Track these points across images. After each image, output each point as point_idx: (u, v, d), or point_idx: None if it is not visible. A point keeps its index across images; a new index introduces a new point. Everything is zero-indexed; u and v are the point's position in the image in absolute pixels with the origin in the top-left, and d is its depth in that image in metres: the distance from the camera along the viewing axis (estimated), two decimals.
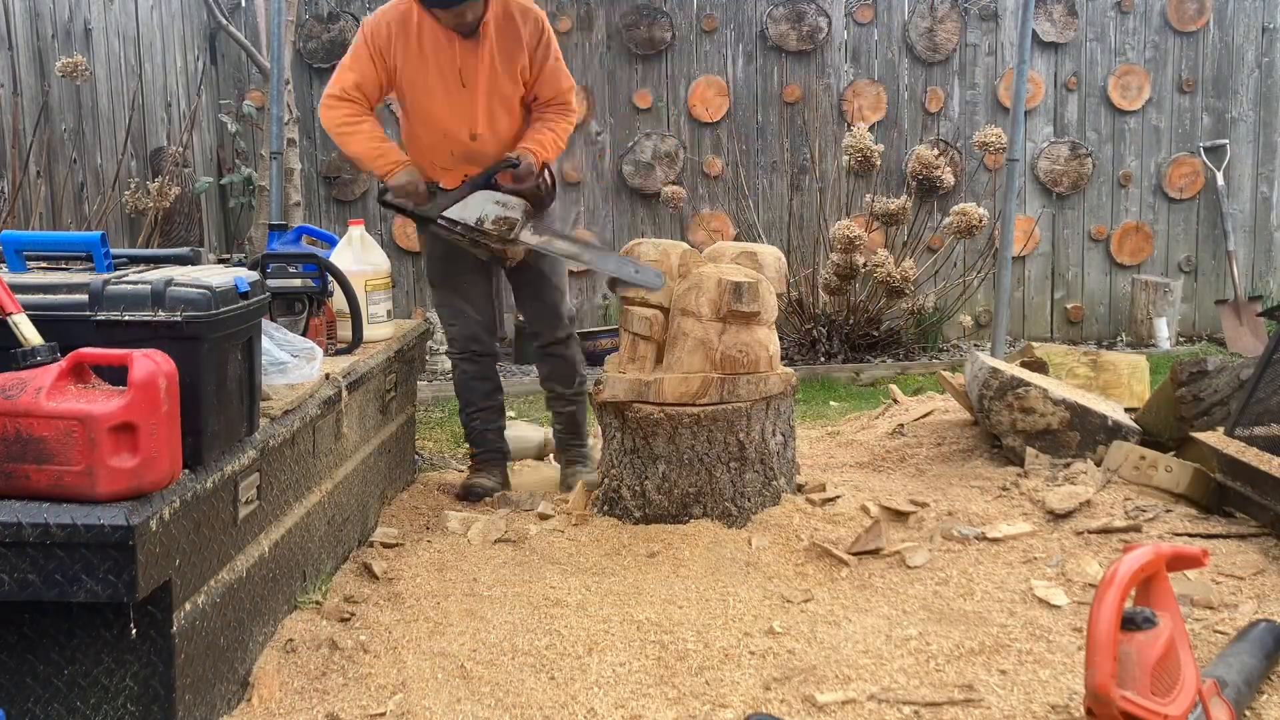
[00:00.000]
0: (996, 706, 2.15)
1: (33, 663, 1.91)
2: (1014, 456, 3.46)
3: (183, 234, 5.77)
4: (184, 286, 2.02)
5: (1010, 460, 3.49)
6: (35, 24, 4.90)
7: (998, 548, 2.92)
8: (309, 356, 2.66)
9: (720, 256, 3.39)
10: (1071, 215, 7.36)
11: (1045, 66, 7.19)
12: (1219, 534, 2.90)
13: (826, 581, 2.83)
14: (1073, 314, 7.40)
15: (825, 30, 7.05)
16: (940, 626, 2.51)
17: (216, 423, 2.09)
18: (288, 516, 2.51)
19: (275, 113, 4.94)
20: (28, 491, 1.80)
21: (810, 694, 2.21)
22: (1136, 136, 7.32)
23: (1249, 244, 7.44)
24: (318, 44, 6.93)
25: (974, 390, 3.62)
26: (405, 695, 2.24)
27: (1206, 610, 2.52)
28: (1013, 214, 5.05)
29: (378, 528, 3.30)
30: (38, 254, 2.33)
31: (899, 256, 6.39)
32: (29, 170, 4.69)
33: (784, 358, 6.42)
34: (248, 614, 2.27)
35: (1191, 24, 7.22)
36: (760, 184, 7.17)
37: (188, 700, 1.97)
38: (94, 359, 1.87)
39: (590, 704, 2.21)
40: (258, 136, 6.63)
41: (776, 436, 3.23)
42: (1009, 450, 3.49)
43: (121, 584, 1.78)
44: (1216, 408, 3.30)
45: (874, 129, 6.82)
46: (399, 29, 3.46)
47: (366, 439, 3.22)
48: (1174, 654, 1.83)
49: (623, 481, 3.22)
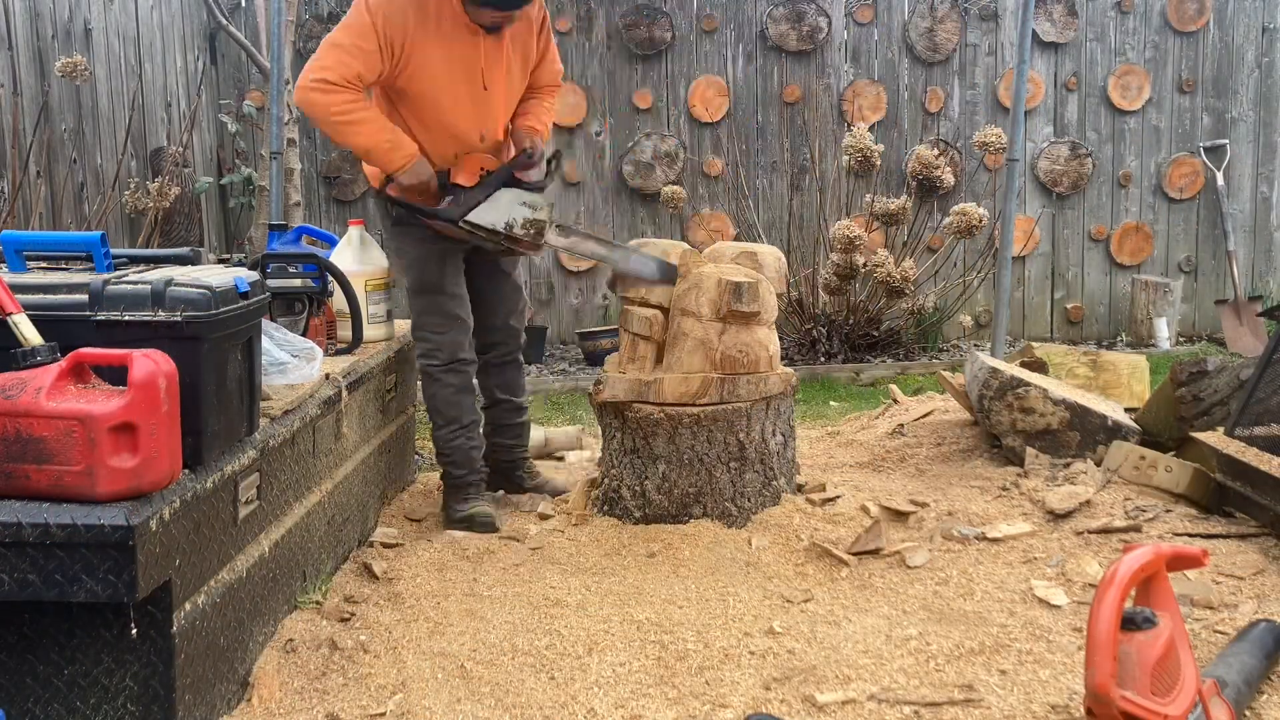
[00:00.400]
0: (996, 706, 2.15)
1: (33, 663, 1.90)
2: (1014, 456, 3.46)
3: (183, 234, 5.77)
4: (184, 286, 2.02)
5: (1010, 460, 3.49)
6: (35, 24, 4.90)
7: (998, 548, 2.92)
8: (309, 357, 2.66)
9: (720, 257, 3.39)
10: (1071, 215, 7.36)
11: (1045, 66, 7.19)
12: (1219, 534, 2.90)
13: (826, 581, 2.83)
14: (1073, 314, 7.39)
15: (825, 30, 7.05)
16: (940, 626, 2.51)
17: (216, 423, 2.09)
18: (288, 516, 2.51)
19: (275, 113, 4.94)
20: (28, 491, 1.81)
21: (810, 694, 2.21)
22: (1136, 136, 7.32)
23: (1249, 244, 7.44)
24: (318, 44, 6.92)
25: (974, 390, 3.62)
26: (405, 695, 2.24)
27: (1206, 610, 2.52)
28: (1013, 214, 5.05)
29: (378, 528, 3.30)
30: (38, 254, 2.33)
31: (899, 256, 6.39)
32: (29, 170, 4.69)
33: (784, 358, 6.42)
34: (248, 614, 2.27)
35: (1191, 24, 7.22)
36: (760, 184, 7.17)
37: (188, 700, 1.97)
38: (94, 359, 1.87)
39: (590, 704, 2.21)
40: (258, 136, 6.63)
41: (776, 436, 3.23)
42: (1009, 450, 3.49)
43: (121, 584, 1.78)
44: (1216, 408, 3.30)
45: (874, 129, 6.82)
46: (416, 17, 3.04)
47: (366, 439, 3.22)
48: (1174, 654, 1.83)
49: (623, 481, 3.22)
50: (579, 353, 6.83)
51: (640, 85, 7.07)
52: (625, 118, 7.09)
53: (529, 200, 3.14)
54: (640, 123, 7.09)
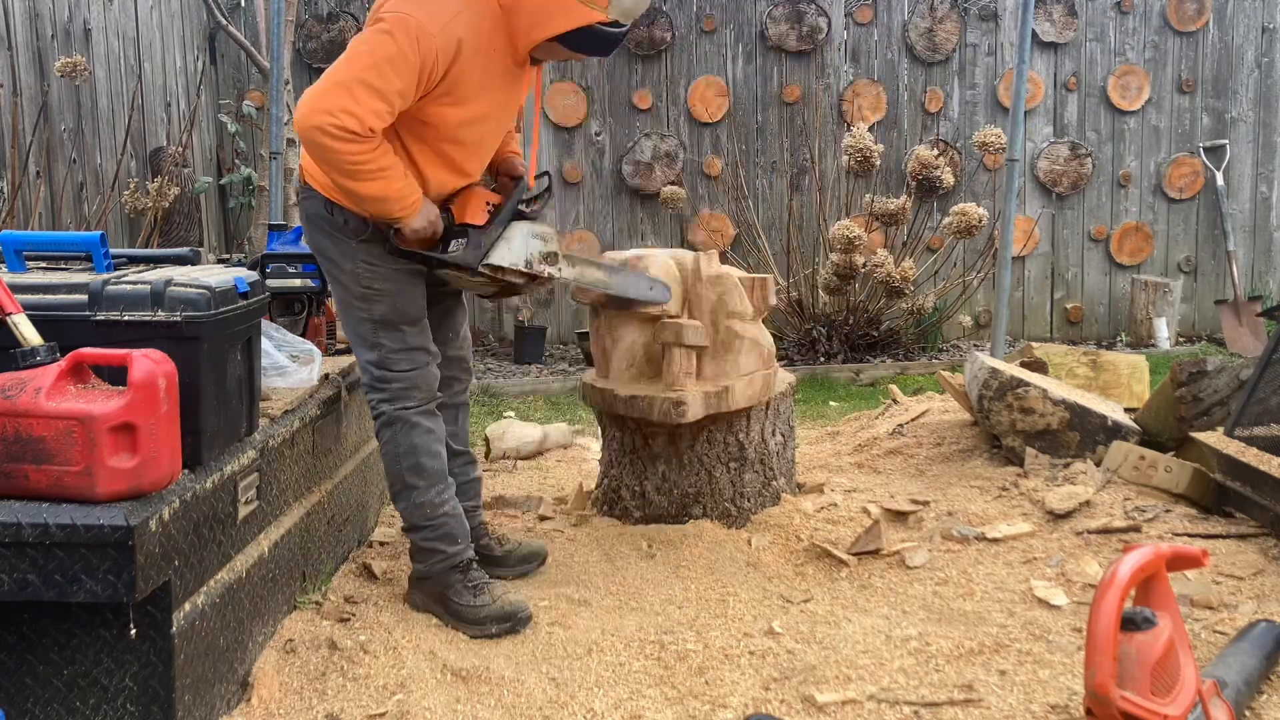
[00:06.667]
0: (996, 706, 2.15)
1: (32, 663, 1.90)
2: (1014, 456, 3.46)
3: (182, 234, 5.77)
4: (183, 287, 2.02)
5: (1010, 460, 3.49)
6: (35, 24, 4.90)
7: (997, 548, 2.92)
8: (307, 360, 2.66)
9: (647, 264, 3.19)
10: (1071, 215, 7.36)
11: (1045, 66, 7.19)
12: (1219, 534, 2.90)
13: (826, 582, 2.83)
14: (1072, 314, 7.40)
15: (825, 30, 7.05)
16: (940, 626, 2.51)
17: (216, 423, 2.09)
18: (288, 516, 2.51)
19: (275, 113, 4.94)
20: (27, 491, 1.80)
21: (810, 694, 2.21)
22: (1136, 136, 7.33)
23: (1249, 244, 7.44)
24: (318, 44, 6.93)
25: (974, 390, 3.62)
26: (405, 695, 2.24)
27: (1206, 610, 2.52)
28: (1012, 214, 5.06)
29: (378, 528, 3.30)
30: (37, 254, 2.33)
31: (899, 256, 6.39)
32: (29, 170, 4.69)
33: (784, 358, 6.44)
34: (247, 614, 2.27)
35: (1191, 24, 7.22)
36: (760, 184, 7.17)
37: (187, 700, 1.97)
38: (93, 359, 1.86)
39: (590, 704, 2.21)
40: (257, 136, 6.63)
41: (776, 437, 3.23)
42: (1009, 450, 3.49)
43: (121, 584, 1.78)
44: (1216, 408, 3.30)
45: (874, 129, 6.83)
46: (470, 46, 2.44)
47: (366, 439, 3.22)
48: (1174, 654, 1.83)
49: (622, 482, 3.22)
50: (579, 353, 6.83)
51: (640, 85, 7.07)
52: (624, 118, 7.10)
53: (539, 232, 2.80)
54: (640, 123, 7.10)
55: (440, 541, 2.64)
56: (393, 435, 2.64)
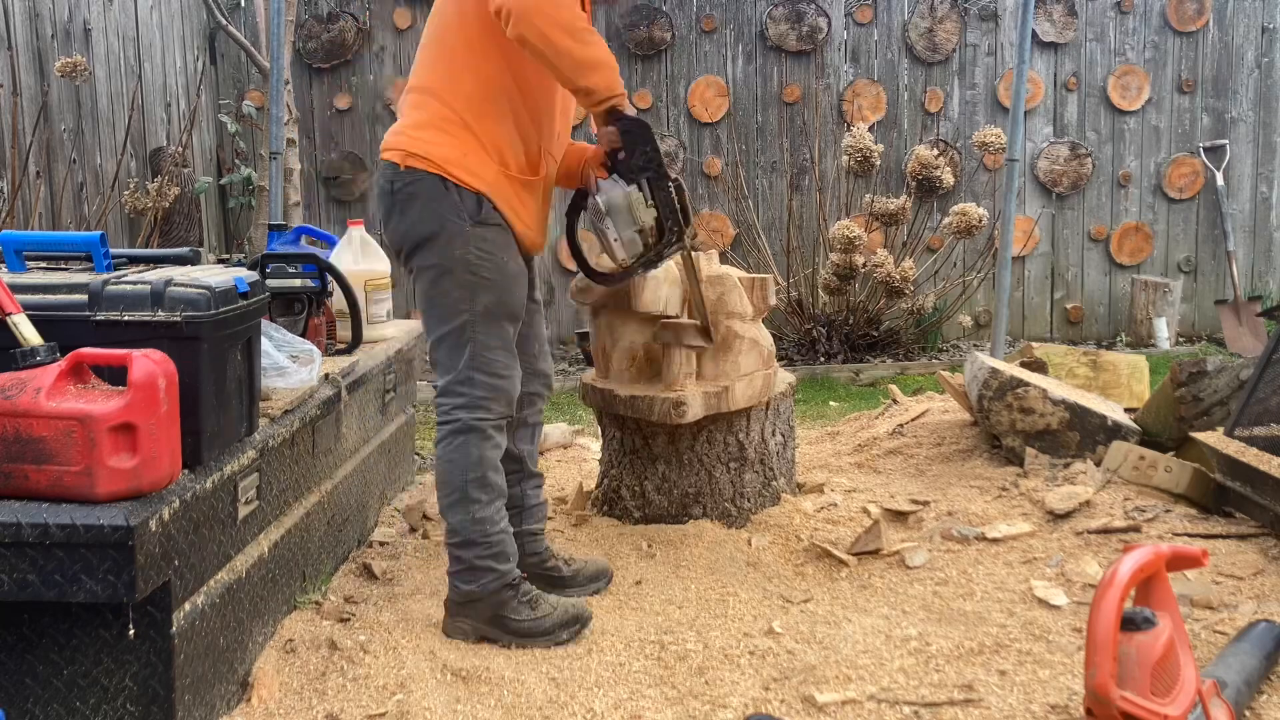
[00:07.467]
0: (996, 706, 2.15)
1: (32, 663, 1.90)
2: (1014, 456, 3.46)
3: (182, 234, 5.76)
4: (183, 287, 2.02)
5: (1010, 460, 3.49)
6: (35, 24, 4.90)
7: (997, 548, 2.92)
8: (307, 360, 2.65)
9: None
10: (1071, 215, 7.36)
11: (1045, 66, 7.19)
12: (1219, 534, 2.90)
13: (826, 582, 2.83)
14: (1072, 314, 7.40)
15: (825, 30, 7.05)
16: (940, 626, 2.51)
17: (216, 423, 2.09)
18: (287, 516, 2.51)
19: (275, 113, 4.94)
20: (27, 491, 1.80)
21: (810, 694, 2.21)
22: (1136, 136, 7.33)
23: (1249, 244, 7.44)
24: (317, 44, 6.93)
25: (974, 390, 3.62)
26: (405, 695, 2.24)
27: (1206, 610, 2.52)
28: (1012, 214, 5.05)
29: (378, 528, 3.30)
30: (37, 254, 2.33)
31: (899, 256, 6.39)
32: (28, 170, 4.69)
33: (784, 358, 6.43)
34: (247, 614, 2.27)
35: (1191, 24, 7.22)
36: (760, 184, 7.17)
37: (187, 700, 1.97)
38: (93, 359, 1.86)
39: (590, 704, 2.21)
40: (257, 136, 6.63)
41: (776, 437, 3.23)
42: (1009, 450, 3.49)
43: (121, 584, 1.78)
44: (1216, 408, 3.30)
45: (874, 129, 6.83)
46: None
47: (366, 439, 3.22)
48: (1174, 654, 1.83)
49: (622, 482, 3.22)
50: (579, 353, 6.83)
51: (640, 85, 7.07)
52: None
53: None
54: None
55: (494, 560, 2.48)
56: (463, 443, 2.47)
